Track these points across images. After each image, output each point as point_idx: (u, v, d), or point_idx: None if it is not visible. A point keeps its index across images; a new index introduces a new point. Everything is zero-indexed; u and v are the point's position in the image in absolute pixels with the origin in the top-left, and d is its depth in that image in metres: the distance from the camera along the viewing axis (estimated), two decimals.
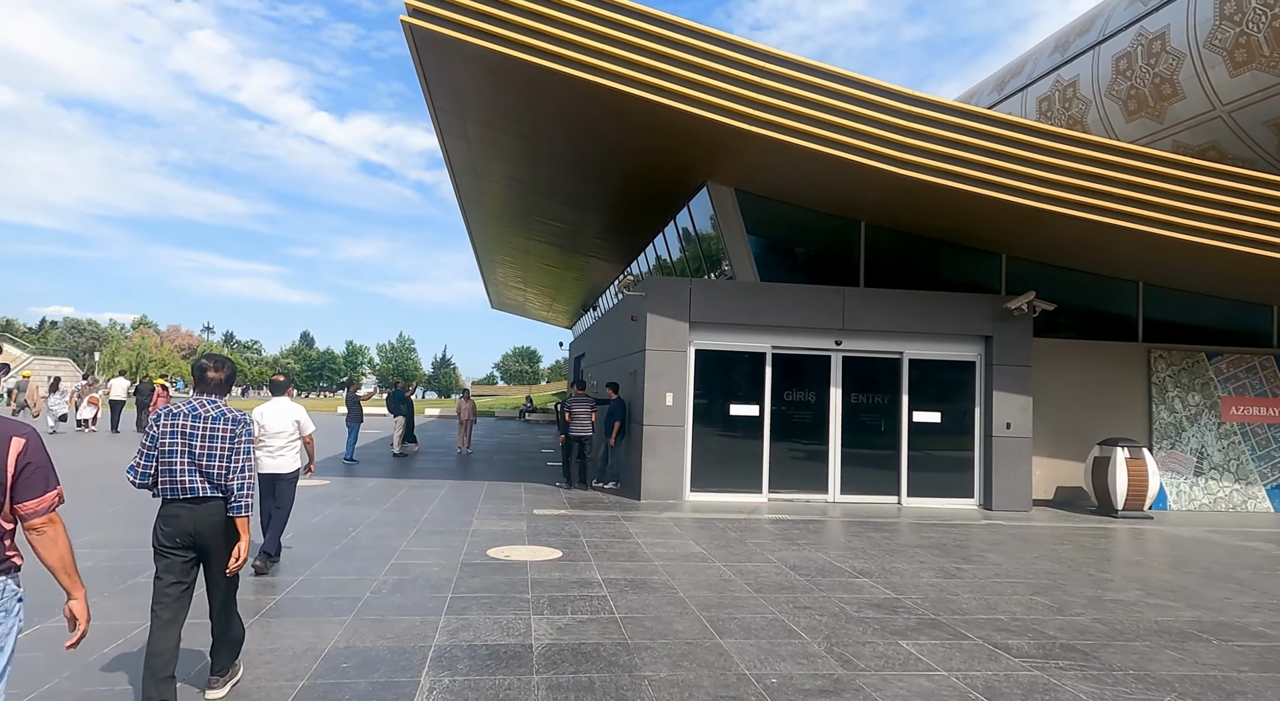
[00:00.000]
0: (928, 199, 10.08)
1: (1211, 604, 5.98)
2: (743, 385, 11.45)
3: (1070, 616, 5.48)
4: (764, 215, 12.11)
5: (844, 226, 12.28)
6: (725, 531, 8.64)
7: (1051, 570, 7.09)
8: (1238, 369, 12.24)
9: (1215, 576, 7.02)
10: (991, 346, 11.43)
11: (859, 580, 6.44)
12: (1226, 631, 5.22)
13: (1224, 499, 12.05)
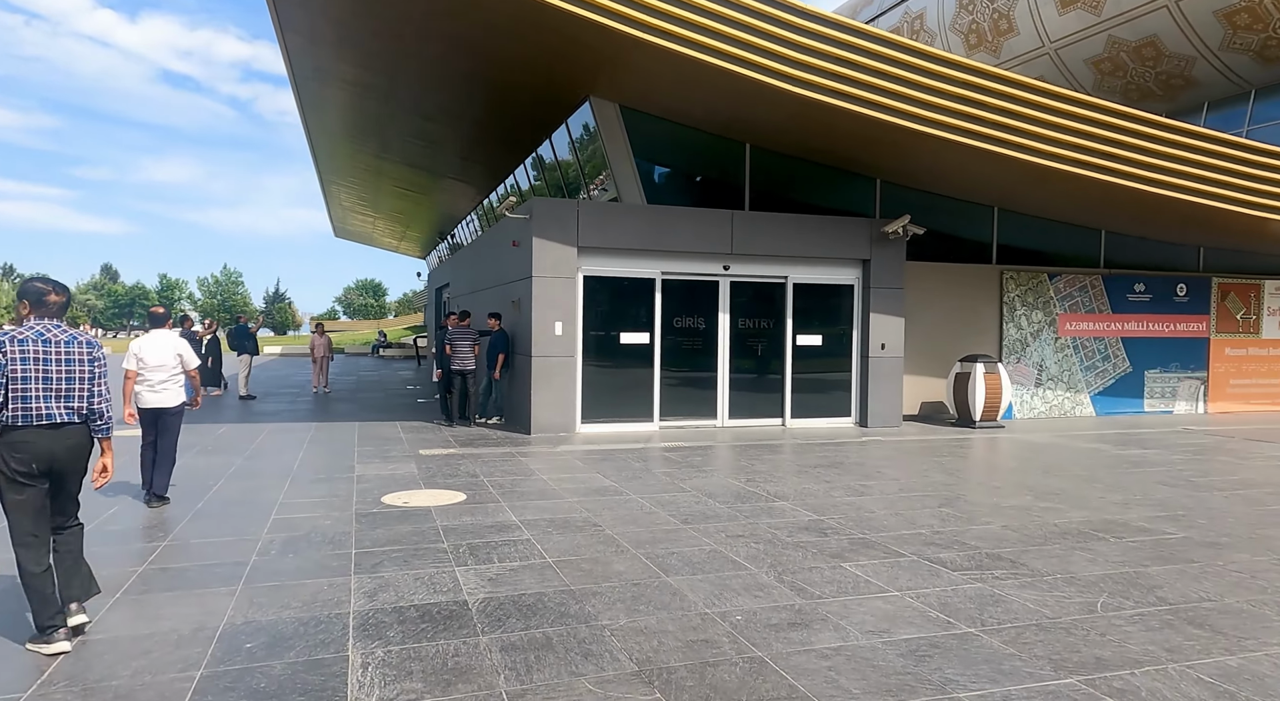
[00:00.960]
0: (813, 119, 9.96)
1: (1091, 503, 6.49)
2: (633, 313, 11.13)
3: (982, 525, 5.72)
4: (649, 135, 11.59)
5: (729, 148, 12.02)
6: (628, 462, 8.42)
7: (945, 481, 7.46)
8: (1073, 288, 13.42)
9: (1083, 478, 7.67)
10: (869, 270, 11.77)
11: (778, 504, 6.43)
12: (1116, 529, 5.65)
13: (1058, 406, 13.37)
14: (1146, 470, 8.13)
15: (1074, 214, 13.23)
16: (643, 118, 11.43)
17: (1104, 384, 13.61)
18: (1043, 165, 10.06)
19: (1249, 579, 4.49)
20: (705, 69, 8.87)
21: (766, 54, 8.91)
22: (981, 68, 9.92)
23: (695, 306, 11.40)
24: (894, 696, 3.01)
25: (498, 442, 9.79)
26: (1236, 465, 8.54)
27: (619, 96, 11.09)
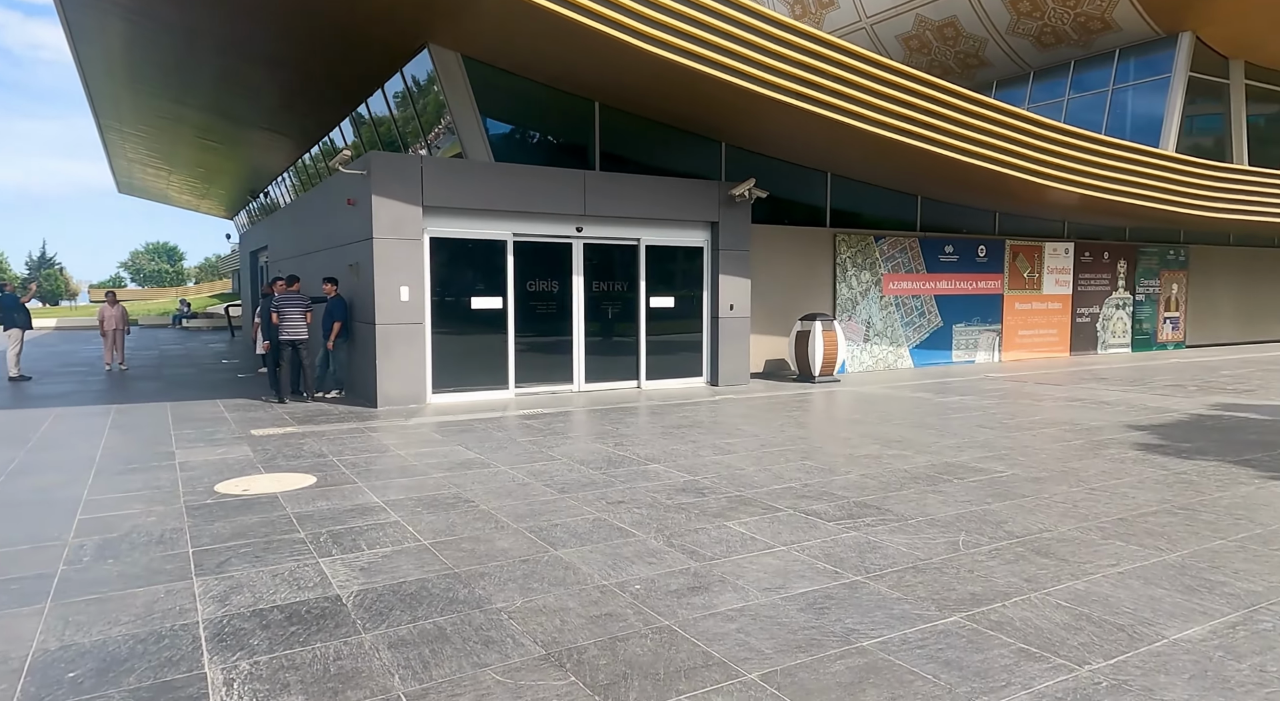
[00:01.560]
0: (664, 79, 9.88)
1: (929, 448, 7.06)
2: (484, 276, 10.65)
3: (843, 476, 6.04)
4: (495, 89, 11.02)
5: (578, 107, 11.70)
6: (490, 432, 8.10)
7: (801, 435, 7.82)
8: (895, 249, 14.52)
9: (917, 425, 8.35)
10: (718, 232, 12.02)
11: (651, 467, 6.44)
12: (956, 470, 6.18)
13: (882, 359, 14.51)
14: (966, 415, 9.00)
15: (895, 180, 14.24)
16: (487, 70, 10.82)
17: (920, 338, 14.93)
18: (872, 132, 10.65)
19: (1071, 508, 5.07)
20: (551, 19, 8.48)
21: (615, 7, 8.66)
22: (825, 37, 10.30)
23: (549, 269, 11.11)
24: (806, 652, 3.06)
25: (341, 418, 9.07)
26: (1035, 407, 9.67)
27: (460, 46, 10.41)
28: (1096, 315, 17.33)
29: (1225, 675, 2.82)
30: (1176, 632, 3.18)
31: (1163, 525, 4.67)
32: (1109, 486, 5.61)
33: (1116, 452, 6.81)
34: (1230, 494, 5.39)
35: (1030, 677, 2.82)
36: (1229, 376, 12.91)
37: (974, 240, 15.45)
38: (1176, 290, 18.73)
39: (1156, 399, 10.24)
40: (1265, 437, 7.50)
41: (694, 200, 11.76)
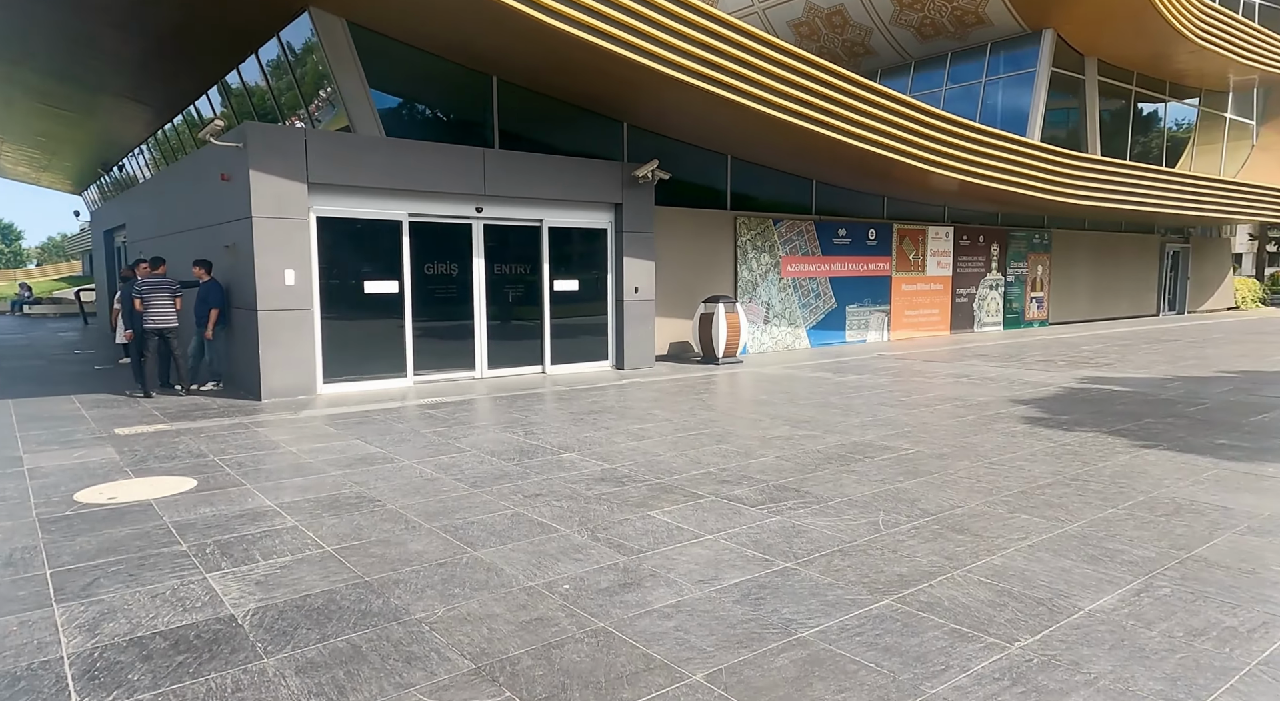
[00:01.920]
0: (562, 55, 9.58)
1: (837, 428, 7.23)
2: (378, 258, 10.05)
3: (759, 458, 6.07)
4: (384, 59, 10.36)
5: (475, 81, 11.20)
6: (390, 424, 7.66)
7: (713, 418, 7.83)
8: (792, 232, 14.84)
9: (822, 405, 8.54)
10: (621, 213, 11.85)
11: (565, 456, 6.25)
12: (866, 450, 6.33)
13: (781, 340, 14.85)
14: (866, 394, 9.30)
15: (792, 164, 14.52)
16: (375, 38, 10.15)
17: (817, 319, 15.38)
18: (772, 116, 10.75)
19: (976, 483, 5.28)
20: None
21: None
22: (729, 19, 10.27)
23: (448, 251, 10.62)
24: (748, 647, 3.00)
25: (221, 413, 8.35)
26: (927, 384, 10.13)
27: (345, 11, 9.70)
28: (973, 295, 18.41)
29: (1140, 643, 2.96)
30: (1090, 603, 3.33)
31: (1059, 496, 4.94)
32: (1005, 461, 5.90)
33: (1006, 427, 7.19)
34: (1111, 463, 5.78)
35: (967, 659, 2.86)
36: (1090, 351, 14.01)
37: (865, 224, 16.02)
38: (1041, 271, 20.17)
39: (1033, 374, 10.96)
40: (1130, 408, 8.14)
41: (597, 181, 11.54)
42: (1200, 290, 26.27)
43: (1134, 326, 20.09)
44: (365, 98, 10.17)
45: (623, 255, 11.90)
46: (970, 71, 20.83)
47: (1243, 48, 20.63)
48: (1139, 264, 23.70)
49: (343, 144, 9.56)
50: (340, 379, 9.74)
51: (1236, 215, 22.06)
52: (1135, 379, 10.38)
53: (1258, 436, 6.69)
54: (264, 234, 8.89)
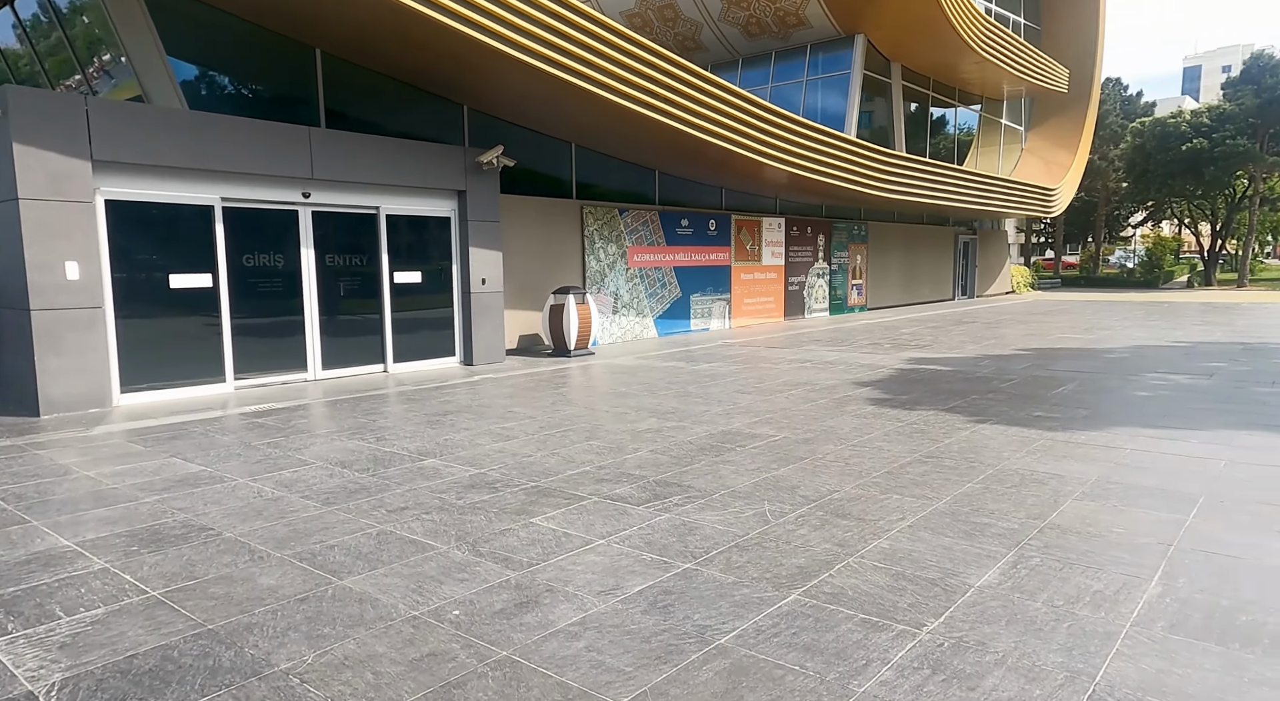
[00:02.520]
0: (385, 22, 8.86)
1: (702, 417, 7.26)
2: (187, 248, 8.83)
3: (634, 453, 5.94)
4: (186, 20, 9.10)
5: (296, 53, 10.14)
6: (211, 436, 6.73)
7: (577, 413, 7.61)
8: (638, 223, 14.88)
9: (683, 394, 8.57)
10: (466, 202, 11.26)
11: (427, 462, 5.77)
12: (735, 438, 6.39)
13: (630, 330, 14.89)
14: (722, 381, 9.48)
15: (635, 154, 14.54)
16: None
17: (663, 308, 15.57)
18: (620, 105, 10.66)
19: (846, 467, 5.46)
20: None
21: None
22: (576, 4, 9.98)
23: (272, 241, 9.55)
24: (668, 663, 2.82)
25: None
26: (776, 369, 10.52)
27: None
28: (803, 283, 19.49)
29: (1030, 616, 3.12)
30: (976, 579, 3.49)
31: (921, 475, 5.21)
32: (866, 442, 6.17)
33: (857, 409, 7.58)
34: (956, 439, 6.22)
35: (884, 650, 2.87)
36: (907, 334, 15.27)
37: (705, 214, 16.40)
38: (860, 261, 21.75)
39: (866, 357, 11.72)
40: (956, 386, 8.88)
41: (439, 166, 10.86)
42: (985, 277, 29.59)
43: (937, 310, 22.20)
44: (161, 65, 8.87)
45: (468, 245, 11.32)
46: (793, 71, 21.93)
47: (1015, 61, 23.32)
48: (937, 254, 26.25)
49: (136, 117, 8.26)
50: (143, 386, 8.47)
51: (1013, 209, 25.00)
52: (952, 359, 11.39)
53: (1065, 407, 7.51)
54: (35, 220, 7.50)
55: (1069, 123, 29.77)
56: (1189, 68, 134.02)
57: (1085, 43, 28.85)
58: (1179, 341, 13.09)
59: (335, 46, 10.21)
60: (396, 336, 10.80)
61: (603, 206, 14.22)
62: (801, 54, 21.72)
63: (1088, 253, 44.84)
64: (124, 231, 8.28)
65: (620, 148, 14.15)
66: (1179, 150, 30.32)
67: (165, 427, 7.14)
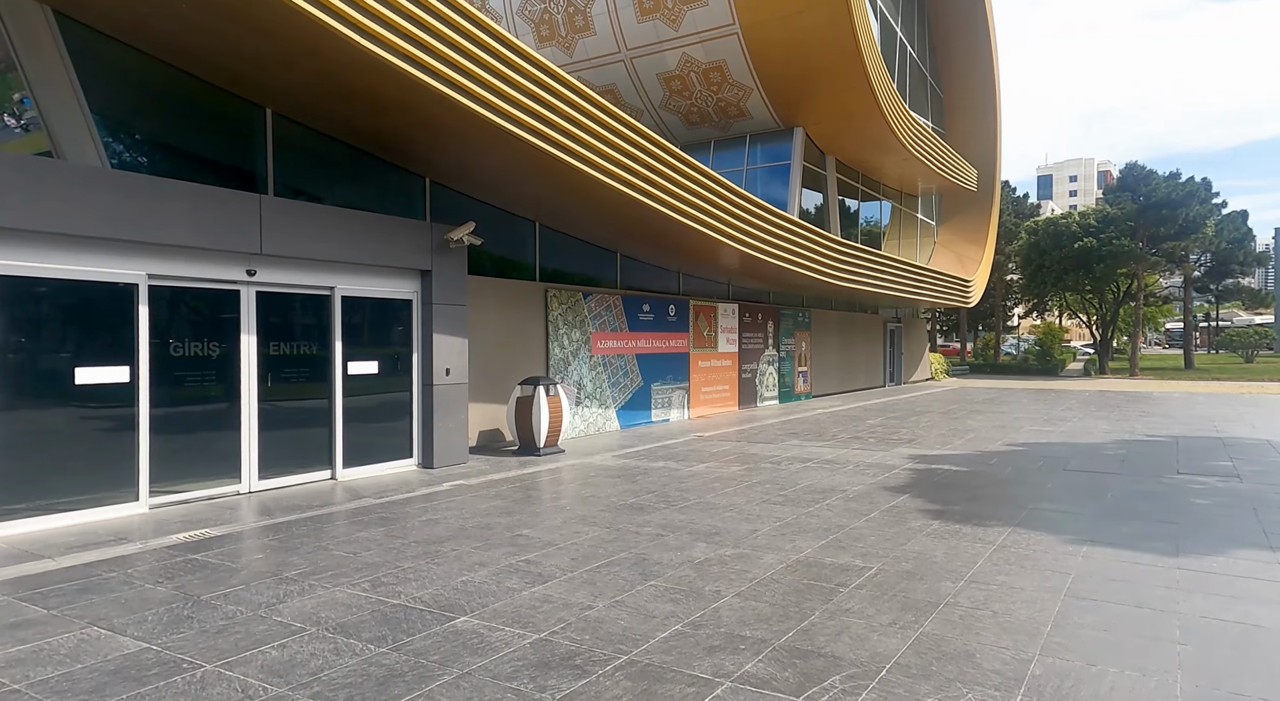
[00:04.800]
0: (351, 77, 7.80)
1: (756, 540, 6.17)
2: (98, 335, 7.17)
3: (720, 601, 4.77)
4: (112, 68, 7.72)
5: (242, 112, 8.86)
6: (139, 586, 5.05)
7: (602, 538, 6.35)
8: (601, 307, 13.96)
9: (706, 507, 7.46)
10: (431, 282, 10.01)
11: (459, 621, 4.39)
12: (822, 572, 5.33)
13: (593, 423, 13.71)
14: (735, 488, 8.45)
15: (599, 234, 13.77)
16: (98, 39, 7.51)
17: (625, 398, 14.52)
18: (595, 179, 9.83)
19: (995, 616, 4.50)
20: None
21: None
22: (560, 73, 9.27)
23: (206, 326, 7.97)
24: None
25: None
26: (782, 471, 9.58)
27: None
28: (755, 370, 18.98)
29: None
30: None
31: (1102, 627, 4.32)
32: (983, 577, 5.26)
33: (921, 525, 6.71)
34: (1083, 570, 5.42)
35: None
36: (877, 426, 14.82)
37: (665, 299, 15.70)
38: (805, 347, 21.58)
39: (864, 454, 11.01)
40: (993, 491, 8.22)
41: (402, 243, 9.64)
42: (909, 364, 30.31)
43: (879, 398, 22.17)
44: (80, 115, 7.39)
45: (432, 331, 10.01)
46: (732, 159, 22.07)
47: (936, 159, 24.55)
48: (869, 341, 26.64)
49: (44, 172, 6.71)
50: (24, 513, 6.58)
51: (939, 299, 25.82)
52: (954, 456, 10.85)
53: (1144, 521, 6.91)
54: None
55: (976, 219, 31.62)
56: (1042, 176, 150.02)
57: (986, 145, 31.01)
58: (1152, 435, 13.14)
59: (288, 106, 9.00)
60: (348, 436, 9.22)
61: (567, 290, 13.25)
62: (741, 143, 21.95)
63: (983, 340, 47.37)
64: (16, 315, 6.58)
65: (585, 227, 13.35)
66: (1071, 247, 32.68)
67: (67, 573, 5.38)
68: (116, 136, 7.82)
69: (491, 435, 11.92)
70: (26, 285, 6.63)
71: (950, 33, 29.58)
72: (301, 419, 8.92)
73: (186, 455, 7.80)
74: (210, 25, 7.09)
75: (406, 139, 9.67)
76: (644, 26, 19.50)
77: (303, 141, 9.43)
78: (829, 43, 17.51)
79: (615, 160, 10.21)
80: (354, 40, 6.89)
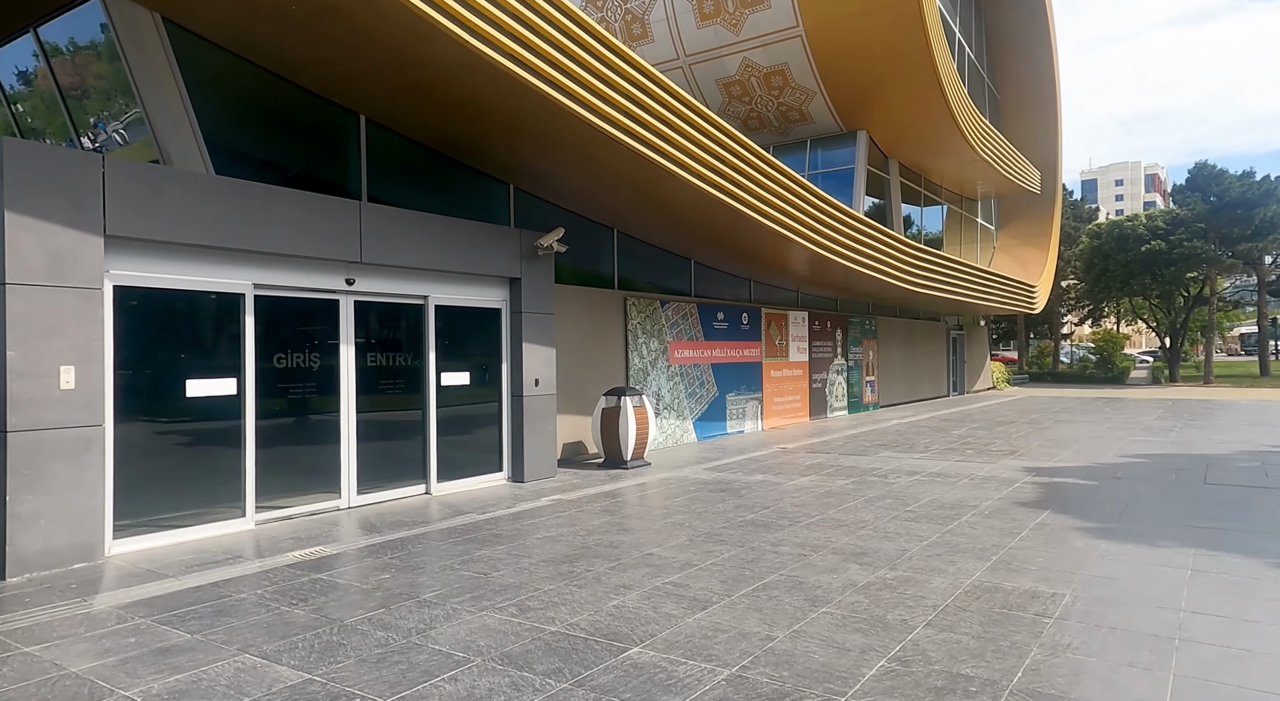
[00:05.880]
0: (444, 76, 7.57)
1: (910, 561, 5.73)
2: (207, 347, 7.01)
3: (913, 634, 4.33)
4: (215, 75, 7.61)
5: (337, 118, 8.71)
6: (274, 608, 4.78)
7: (740, 558, 5.94)
8: (677, 315, 13.60)
9: (834, 524, 7.03)
10: (520, 290, 9.75)
11: (632, 653, 4.02)
12: (1007, 599, 4.86)
13: (671, 435, 13.32)
14: (854, 502, 7.99)
15: (676, 241, 13.44)
16: (204, 47, 7.40)
17: (701, 409, 14.12)
18: (688, 182, 9.50)
19: (1231, 653, 4.00)
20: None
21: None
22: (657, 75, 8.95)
23: (306, 337, 7.78)
24: None
25: None
26: (895, 484, 9.08)
27: (158, 3, 6.90)
28: (825, 380, 18.44)
29: None
30: None
31: None
32: (1196, 606, 4.75)
33: (1084, 544, 6.19)
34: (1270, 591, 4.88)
35: None
36: (964, 435, 14.19)
37: (738, 307, 15.30)
38: (872, 356, 20.98)
39: (972, 466, 10.45)
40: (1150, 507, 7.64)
41: (492, 250, 9.39)
42: (972, 372, 29.42)
43: (950, 408, 21.44)
44: (188, 121, 7.27)
45: (521, 340, 9.73)
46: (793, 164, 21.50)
47: (1003, 160, 23.83)
48: (933, 349, 25.89)
49: (160, 180, 6.56)
50: (140, 529, 6.40)
51: (1006, 305, 25.00)
52: (1069, 467, 10.25)
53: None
54: (25, 312, 5.61)
55: (1036, 222, 30.67)
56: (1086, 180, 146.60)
57: (1046, 146, 30.09)
58: (1276, 445, 12.29)
59: (381, 112, 8.83)
60: (441, 450, 8.96)
61: (645, 297, 12.92)
62: (801, 149, 21.49)
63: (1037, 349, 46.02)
64: (134, 327, 6.42)
65: (662, 233, 13.02)
66: (1138, 251, 31.54)
67: (196, 594, 5.13)
68: (218, 143, 7.68)
69: (573, 448, 11.60)
70: (144, 296, 6.48)
71: (1008, 32, 28.85)
72: (396, 432, 8.69)
73: (288, 470, 7.59)
74: (315, 28, 6.92)
75: (496, 145, 9.44)
76: (704, 32, 19.21)
77: (392, 148, 9.26)
78: (899, 43, 17.04)
79: (705, 161, 9.88)
80: (461, 38, 6.66)
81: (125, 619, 4.66)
